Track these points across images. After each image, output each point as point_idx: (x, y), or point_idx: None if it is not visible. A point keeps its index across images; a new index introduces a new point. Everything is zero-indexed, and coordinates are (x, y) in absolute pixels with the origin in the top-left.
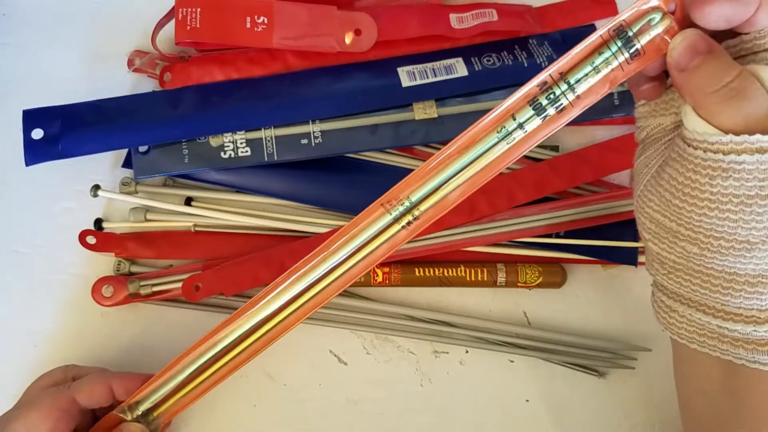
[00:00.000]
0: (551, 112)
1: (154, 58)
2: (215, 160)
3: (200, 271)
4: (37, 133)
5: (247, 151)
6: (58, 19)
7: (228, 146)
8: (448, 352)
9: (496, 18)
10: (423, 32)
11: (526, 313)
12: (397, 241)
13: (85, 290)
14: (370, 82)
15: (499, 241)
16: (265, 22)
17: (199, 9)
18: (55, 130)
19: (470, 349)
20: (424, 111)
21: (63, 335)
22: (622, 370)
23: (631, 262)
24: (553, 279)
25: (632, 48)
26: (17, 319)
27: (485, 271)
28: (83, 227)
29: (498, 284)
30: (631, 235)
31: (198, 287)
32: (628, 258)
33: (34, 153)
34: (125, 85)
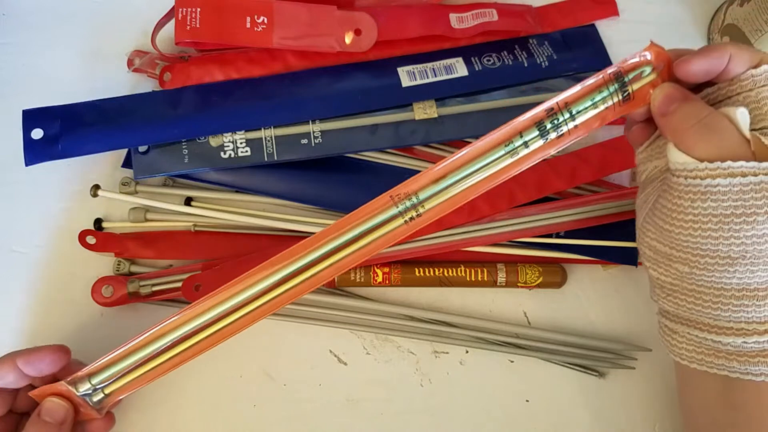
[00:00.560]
0: (552, 135)
1: (154, 58)
2: (215, 160)
3: (200, 271)
4: (37, 133)
5: (246, 151)
6: (58, 19)
7: (228, 146)
8: (448, 353)
9: (496, 18)
10: (423, 32)
11: (526, 313)
12: (396, 236)
13: (84, 290)
14: (370, 82)
15: (500, 241)
16: (265, 22)
17: (198, 9)
18: (55, 130)
19: (470, 350)
20: (424, 111)
21: (63, 335)
22: (622, 370)
23: (631, 262)
24: (554, 279)
25: (625, 92)
26: (17, 319)
27: (485, 271)
28: (83, 227)
29: (498, 284)
30: (631, 235)
31: (198, 287)
32: (628, 258)
33: (34, 153)
34: (125, 85)
